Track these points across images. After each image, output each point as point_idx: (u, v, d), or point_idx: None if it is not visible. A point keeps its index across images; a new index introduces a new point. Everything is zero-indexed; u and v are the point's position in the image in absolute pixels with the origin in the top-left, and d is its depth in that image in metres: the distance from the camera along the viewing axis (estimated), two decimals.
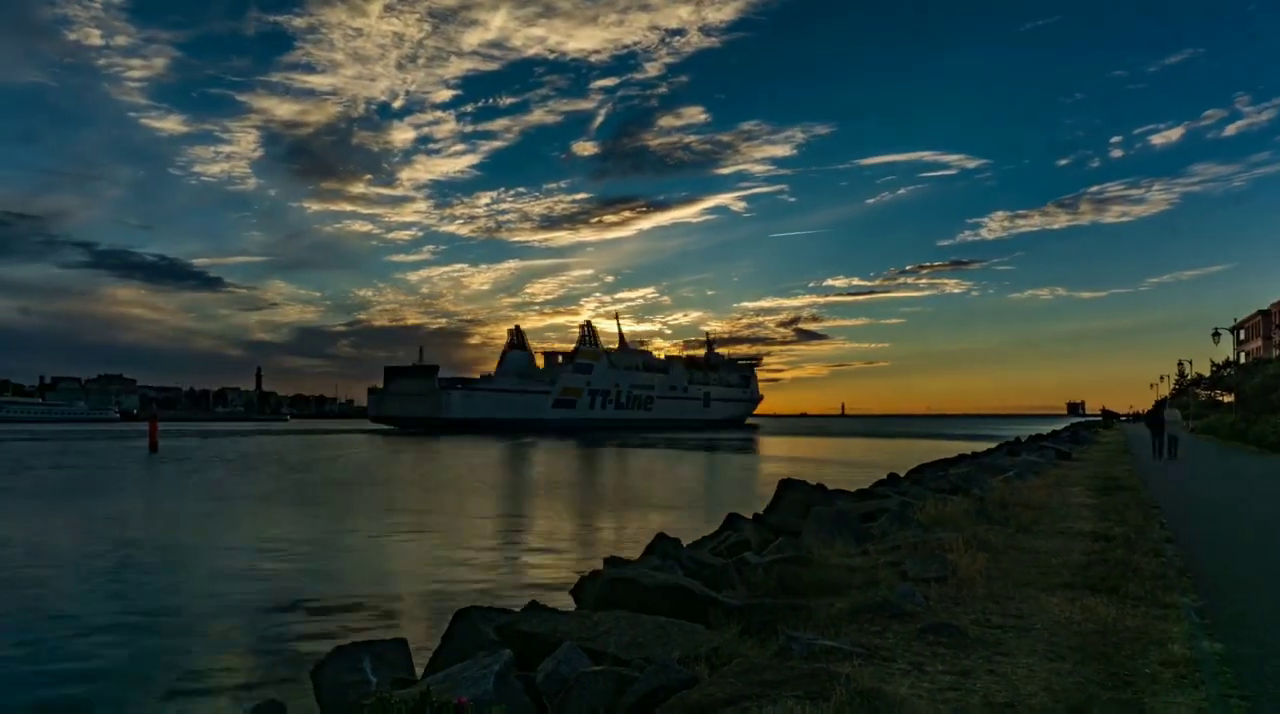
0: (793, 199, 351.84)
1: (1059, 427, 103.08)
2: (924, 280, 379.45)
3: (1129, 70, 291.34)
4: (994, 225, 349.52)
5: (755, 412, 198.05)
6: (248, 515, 28.78)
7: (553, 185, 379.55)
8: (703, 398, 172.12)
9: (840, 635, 6.55)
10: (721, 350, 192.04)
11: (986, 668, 5.85)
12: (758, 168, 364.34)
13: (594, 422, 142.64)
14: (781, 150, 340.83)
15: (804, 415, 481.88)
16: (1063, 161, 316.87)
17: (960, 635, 6.57)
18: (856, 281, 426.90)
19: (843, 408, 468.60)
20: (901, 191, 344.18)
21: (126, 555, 20.34)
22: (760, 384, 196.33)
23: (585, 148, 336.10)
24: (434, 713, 4.33)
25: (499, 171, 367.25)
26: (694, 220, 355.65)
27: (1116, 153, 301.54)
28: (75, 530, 25.34)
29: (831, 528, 11.75)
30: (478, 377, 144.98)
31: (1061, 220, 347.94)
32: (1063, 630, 6.89)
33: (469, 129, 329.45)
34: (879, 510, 14.67)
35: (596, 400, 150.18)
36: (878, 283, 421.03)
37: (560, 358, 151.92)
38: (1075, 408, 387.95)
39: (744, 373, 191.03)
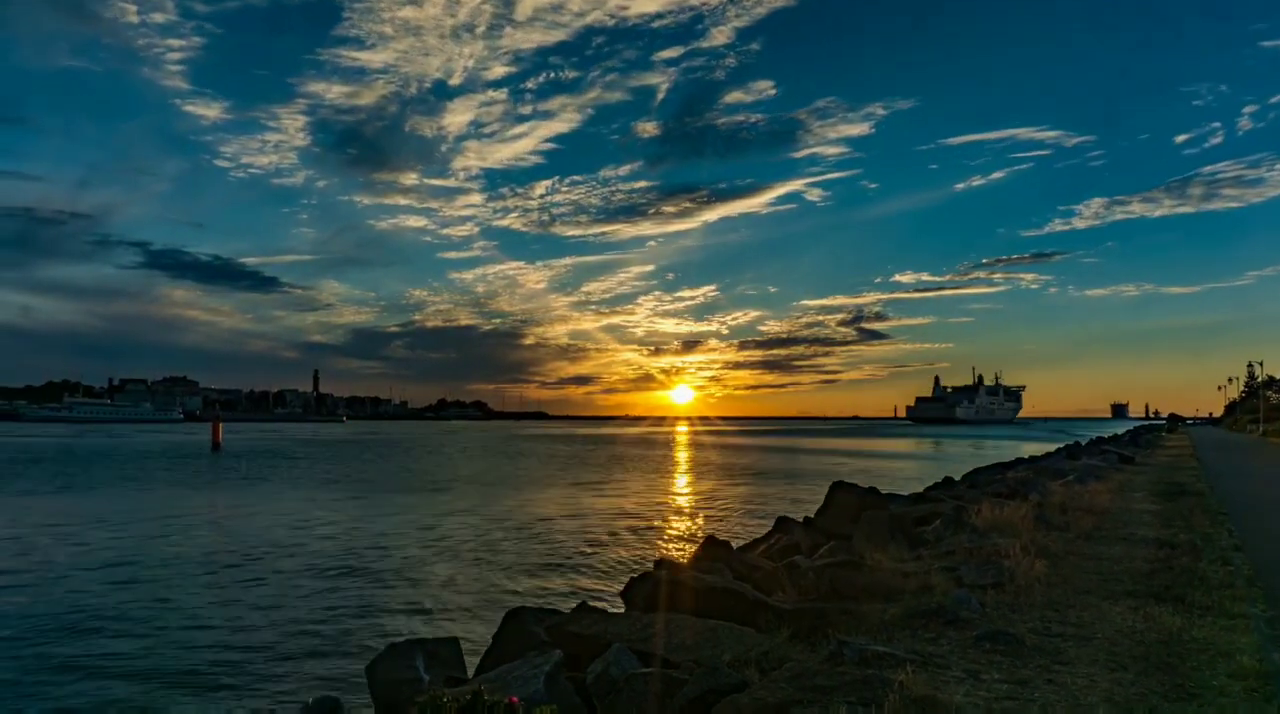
0: (867, 185, 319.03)
1: (1117, 430, 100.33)
2: (998, 275, 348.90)
3: (1272, 23, 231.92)
4: (1088, 213, 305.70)
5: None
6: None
7: (611, 173, 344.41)
8: (999, 410, 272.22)
9: (893, 641, 6.46)
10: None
11: (1045, 677, 5.71)
12: (831, 150, 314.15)
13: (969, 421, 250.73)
14: (858, 129, 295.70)
15: (856, 417, 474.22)
16: (1181, 137, 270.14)
17: (1017, 643, 6.43)
18: (926, 277, 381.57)
19: (896, 411, 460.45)
20: (996, 175, 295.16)
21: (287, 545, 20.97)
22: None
23: (646, 128, 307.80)
24: (485, 712, 4.37)
25: (555, 157, 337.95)
26: (760, 211, 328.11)
27: (1245, 124, 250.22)
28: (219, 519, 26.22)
29: (884, 532, 11.59)
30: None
31: (1165, 207, 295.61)
32: (1125, 640, 6.70)
33: (525, 109, 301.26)
34: (933, 515, 14.42)
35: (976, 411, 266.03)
36: (948, 278, 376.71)
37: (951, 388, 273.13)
38: (1120, 410, 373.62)
39: (1015, 393, 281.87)
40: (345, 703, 7.01)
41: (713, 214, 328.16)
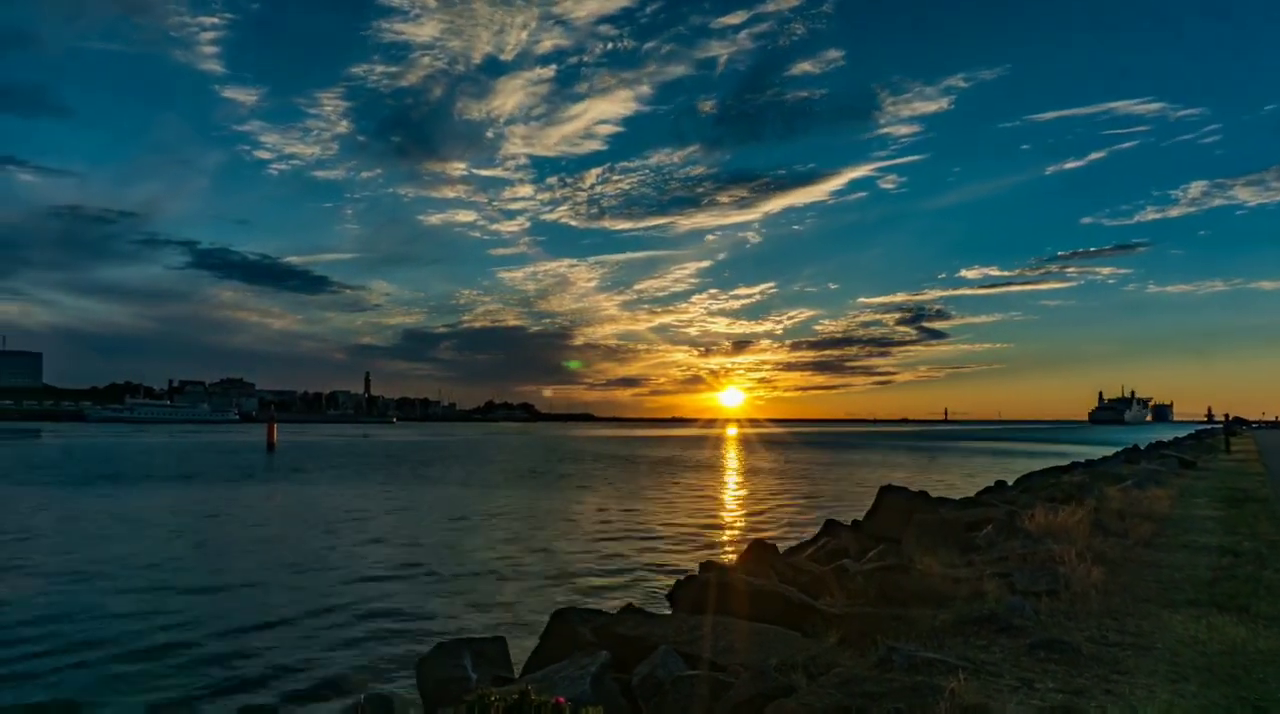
0: (941, 170, 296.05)
1: (1179, 435, 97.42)
2: (1072, 268, 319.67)
3: None
4: (1185, 199, 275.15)
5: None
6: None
7: (666, 158, 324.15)
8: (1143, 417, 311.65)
9: (944, 648, 6.35)
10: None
11: (1102, 687, 5.56)
12: (903, 130, 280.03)
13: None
14: (935, 105, 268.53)
15: (904, 420, 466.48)
16: None
17: (1073, 652, 6.27)
18: (994, 272, 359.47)
19: (945, 414, 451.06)
20: (1095, 155, 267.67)
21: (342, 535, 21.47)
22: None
23: (705, 106, 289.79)
24: (532, 712, 4.40)
25: (608, 141, 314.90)
26: (823, 199, 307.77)
27: None
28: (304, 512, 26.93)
29: (934, 536, 11.42)
30: None
31: (1272, 191, 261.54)
32: (1187, 650, 6.50)
33: (580, 88, 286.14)
34: (984, 519, 14.16)
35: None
36: (1017, 273, 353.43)
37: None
38: (1162, 413, 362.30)
39: (1145, 402, 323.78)
40: (396, 700, 7.11)
41: (773, 204, 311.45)
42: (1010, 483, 27.83)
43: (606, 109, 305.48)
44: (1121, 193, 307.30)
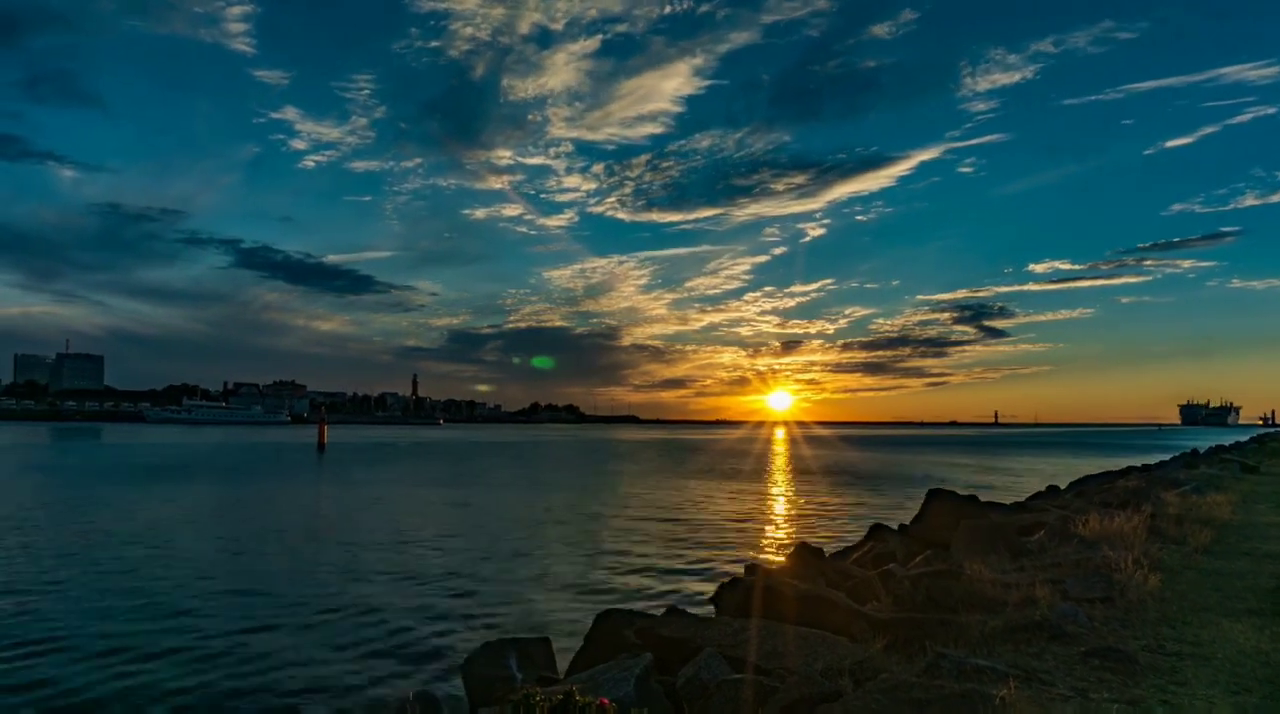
0: (1019, 152, 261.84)
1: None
2: (1150, 261, 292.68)
3: None
4: None
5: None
6: None
7: (719, 142, 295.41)
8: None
9: (994, 655, 6.23)
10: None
11: (1159, 698, 5.41)
12: (980, 107, 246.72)
13: None
14: (1016, 75, 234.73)
15: (954, 423, 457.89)
16: None
17: (1129, 661, 6.11)
18: (1064, 265, 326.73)
19: (996, 417, 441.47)
20: (1207, 129, 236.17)
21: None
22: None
23: (763, 78, 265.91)
24: (577, 713, 4.41)
25: (662, 122, 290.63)
26: (889, 186, 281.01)
27: None
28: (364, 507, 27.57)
29: (984, 541, 11.22)
30: None
31: None
32: (1249, 660, 6.29)
33: (634, 61, 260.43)
34: (1036, 524, 13.88)
35: None
36: (1087, 267, 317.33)
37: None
38: (1192, 414, 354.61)
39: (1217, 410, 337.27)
40: (441, 698, 7.19)
41: (835, 192, 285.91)
42: (1063, 487, 27.23)
43: (659, 85, 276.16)
44: (1221, 174, 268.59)
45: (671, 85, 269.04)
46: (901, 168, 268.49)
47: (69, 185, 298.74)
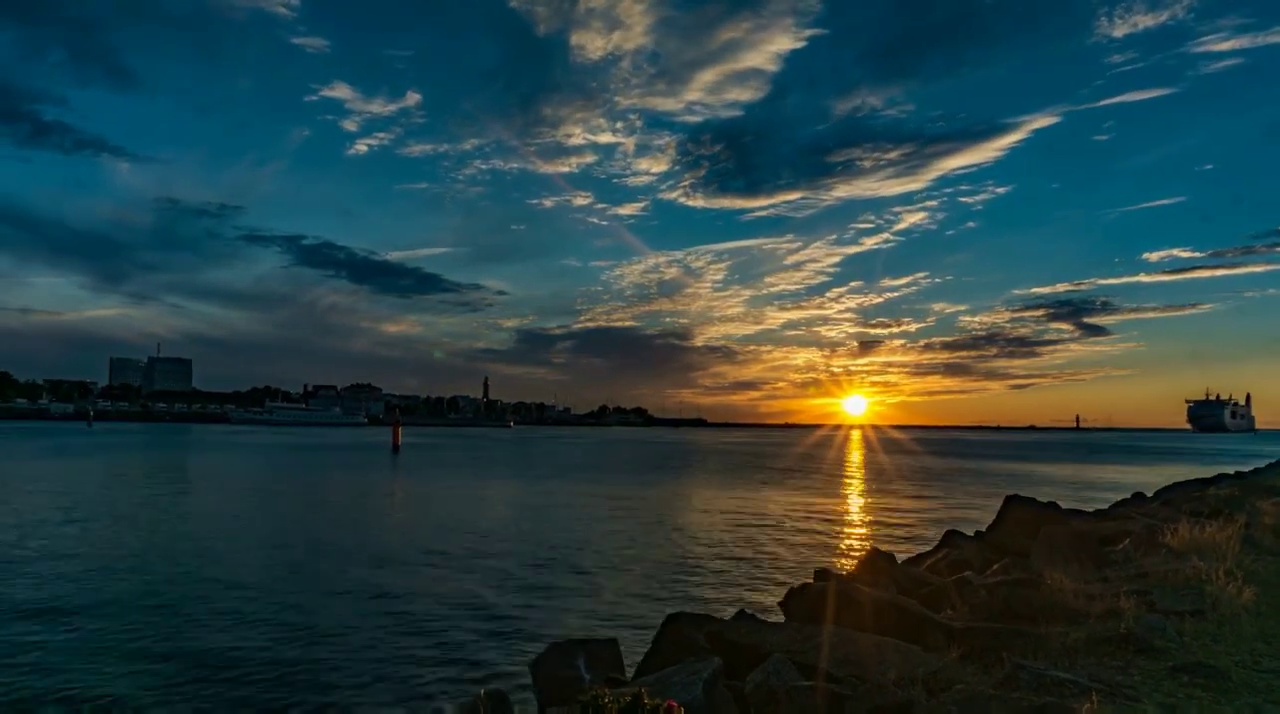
0: (1158, 113, 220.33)
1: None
2: None
3: None
4: None
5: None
6: None
7: (803, 110, 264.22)
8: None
9: (1075, 668, 6.02)
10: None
11: None
12: (1116, 59, 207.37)
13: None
14: (1164, 13, 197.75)
15: (1031, 427, 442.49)
16: None
17: (1221, 677, 5.83)
18: (1184, 253, 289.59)
19: (1077, 421, 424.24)
20: None
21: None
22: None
23: (854, 30, 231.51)
24: None
25: (746, 85, 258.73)
26: (997, 157, 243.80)
27: None
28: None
29: (1065, 550, 10.86)
30: None
31: None
32: None
33: (712, 10, 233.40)
34: (1121, 533, 13.38)
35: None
36: (1209, 255, 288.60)
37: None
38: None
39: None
40: (511, 697, 7.27)
41: (936, 169, 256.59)
42: (1150, 495, 26.18)
43: (745, 35, 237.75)
44: None
45: (757, 40, 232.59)
46: (1013, 137, 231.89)
47: (123, 177, 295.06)
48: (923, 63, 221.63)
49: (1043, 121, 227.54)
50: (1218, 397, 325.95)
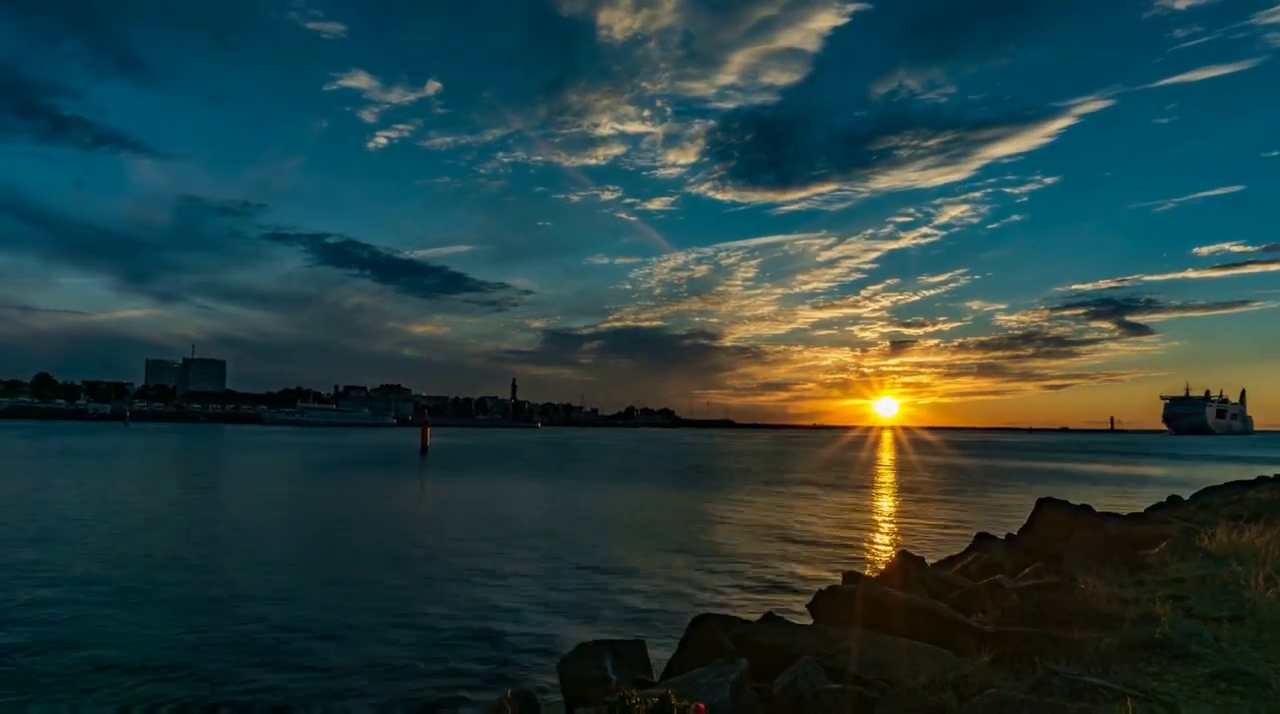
0: (1230, 91, 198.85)
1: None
2: None
3: None
4: None
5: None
6: None
7: (840, 96, 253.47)
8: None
9: (1109, 674, 5.93)
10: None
11: None
12: (1179, 33, 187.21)
13: None
14: None
15: (1064, 430, 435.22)
16: None
17: (1260, 685, 5.71)
18: (1238, 248, 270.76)
19: (1112, 422, 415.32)
20: None
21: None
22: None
23: (895, 8, 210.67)
24: None
25: (780, 67, 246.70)
26: (1044, 144, 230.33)
27: None
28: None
29: (1099, 554, 10.70)
30: None
31: None
32: None
33: None
34: (1156, 537, 13.15)
35: None
36: (1263, 249, 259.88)
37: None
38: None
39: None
40: (538, 697, 7.29)
41: (980, 158, 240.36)
42: (1186, 498, 25.72)
43: (780, 14, 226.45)
44: None
45: (795, 19, 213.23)
46: (1059, 123, 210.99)
47: (143, 174, 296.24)
48: (964, 39, 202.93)
49: (1094, 104, 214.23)
50: (1207, 393, 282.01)
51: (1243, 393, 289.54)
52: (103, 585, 16.85)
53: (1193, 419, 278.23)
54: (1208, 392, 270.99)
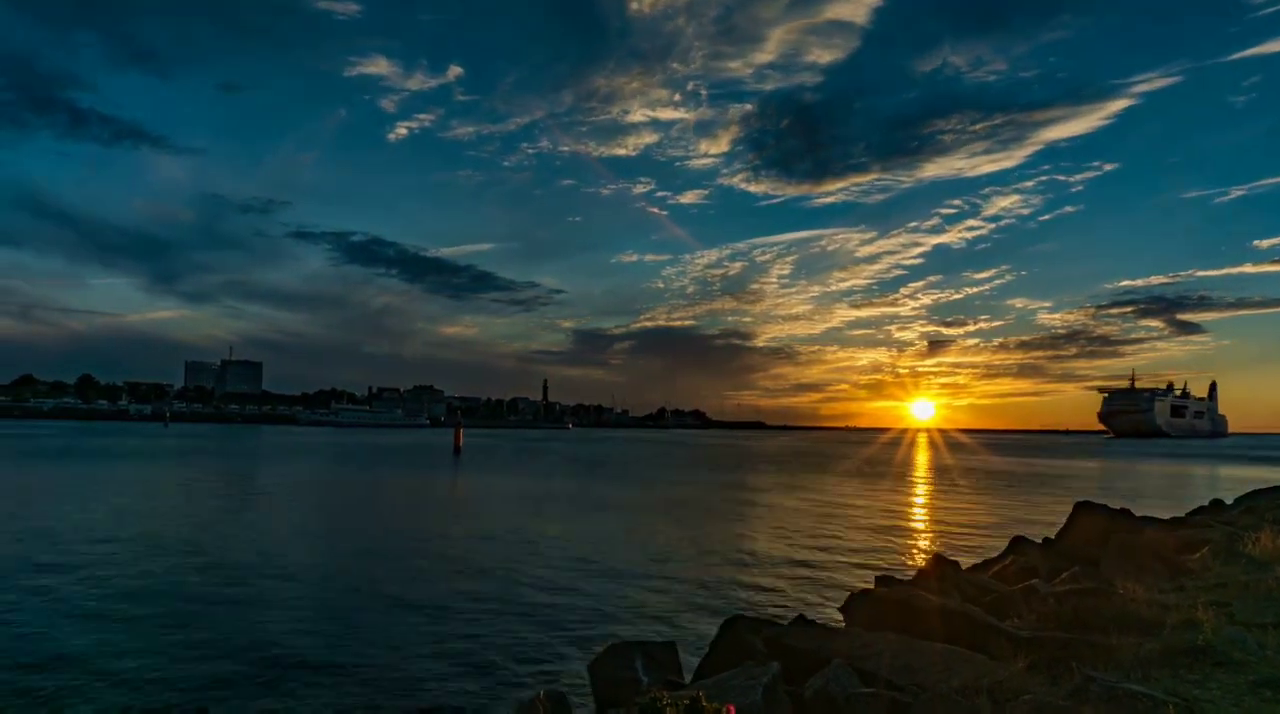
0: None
1: None
2: None
3: None
4: None
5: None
6: None
7: (882, 75, 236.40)
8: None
9: (1149, 680, 5.82)
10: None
11: None
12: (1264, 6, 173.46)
13: None
14: None
15: (1098, 432, 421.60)
16: None
17: None
18: None
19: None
20: None
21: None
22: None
23: None
24: None
25: (817, 46, 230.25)
26: (1101, 127, 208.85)
27: None
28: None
29: (1138, 559, 10.51)
30: None
31: None
32: None
33: None
34: (1198, 541, 12.89)
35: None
36: None
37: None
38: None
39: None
40: (569, 698, 7.31)
41: (1033, 142, 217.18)
42: (1229, 502, 25.18)
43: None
44: None
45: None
46: (1122, 102, 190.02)
47: (163, 169, 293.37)
48: (1013, 8, 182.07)
49: (1159, 82, 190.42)
50: (1173, 386, 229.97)
51: (1212, 387, 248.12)
52: (170, 584, 17.18)
53: (1136, 416, 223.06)
54: (1170, 384, 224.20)
